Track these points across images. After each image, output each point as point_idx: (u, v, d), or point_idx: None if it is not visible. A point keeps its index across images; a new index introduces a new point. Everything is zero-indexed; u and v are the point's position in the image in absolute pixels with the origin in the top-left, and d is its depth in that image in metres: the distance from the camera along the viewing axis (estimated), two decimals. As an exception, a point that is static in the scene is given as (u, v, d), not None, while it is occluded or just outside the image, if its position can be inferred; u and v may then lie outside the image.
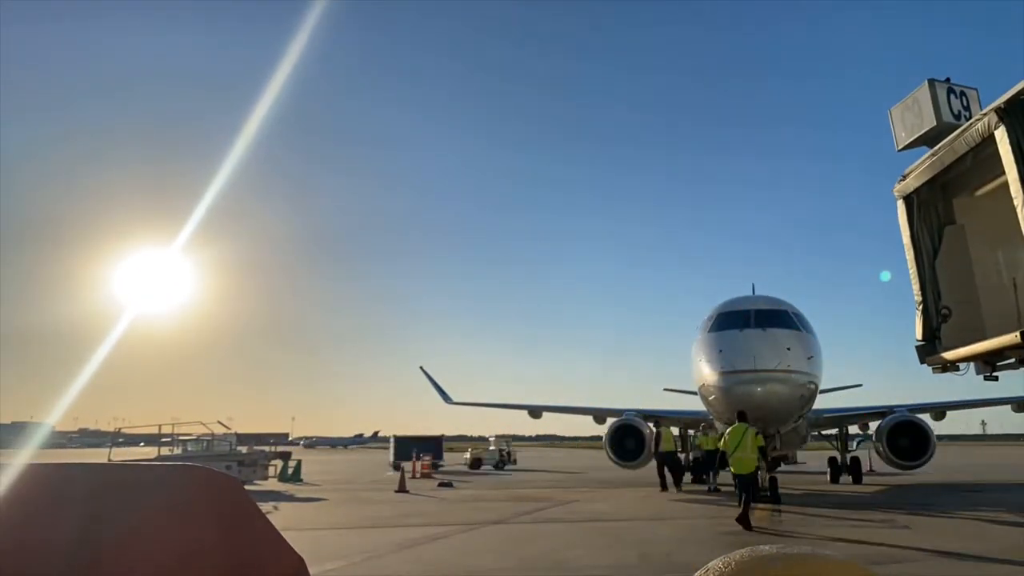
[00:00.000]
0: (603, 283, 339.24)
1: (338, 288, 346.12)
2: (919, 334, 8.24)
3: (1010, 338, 6.70)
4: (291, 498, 21.60)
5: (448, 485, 25.52)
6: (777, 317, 16.70)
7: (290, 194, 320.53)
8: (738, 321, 16.60)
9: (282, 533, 3.23)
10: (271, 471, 28.32)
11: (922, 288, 8.36)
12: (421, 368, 38.33)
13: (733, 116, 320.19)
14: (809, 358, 16.17)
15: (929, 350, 8.17)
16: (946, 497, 18.86)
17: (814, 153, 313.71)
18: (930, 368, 8.20)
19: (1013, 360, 7.21)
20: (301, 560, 3.18)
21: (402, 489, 22.93)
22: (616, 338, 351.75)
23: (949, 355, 7.75)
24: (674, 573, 8.67)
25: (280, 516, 15.88)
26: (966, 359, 7.65)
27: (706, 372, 16.41)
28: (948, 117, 7.76)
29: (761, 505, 16.79)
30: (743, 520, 12.39)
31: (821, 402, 21.19)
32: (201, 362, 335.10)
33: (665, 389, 25.08)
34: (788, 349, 15.78)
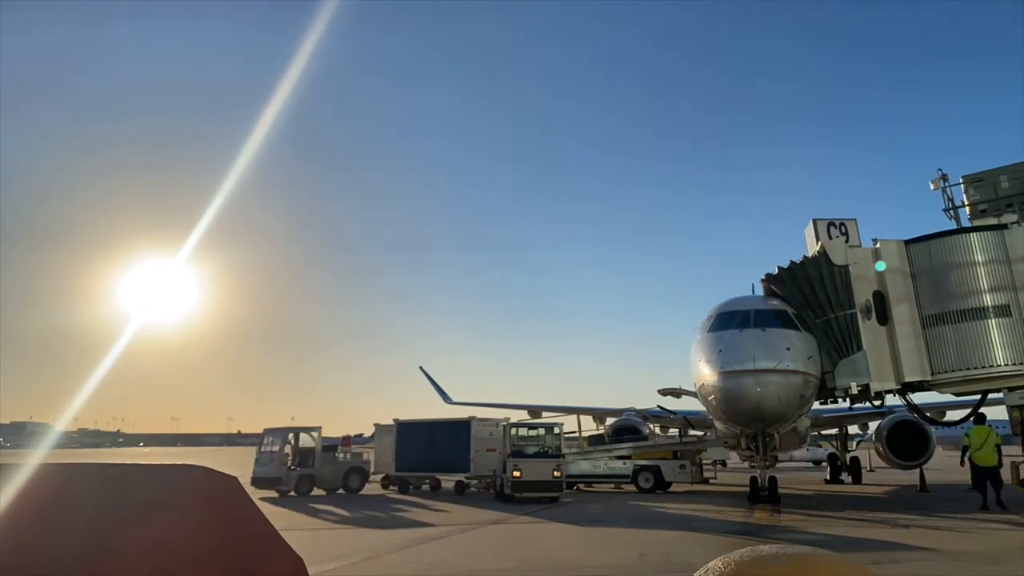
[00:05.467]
0: (605, 283, 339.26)
1: (337, 289, 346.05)
2: None
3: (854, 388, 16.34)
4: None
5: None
6: (777, 317, 16.69)
7: (290, 196, 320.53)
8: (738, 321, 16.58)
9: (281, 533, 3.23)
10: None
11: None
12: (421, 368, 38.40)
13: (739, 107, 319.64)
14: (809, 358, 16.14)
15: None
16: (946, 497, 18.87)
17: (817, 149, 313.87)
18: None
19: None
20: (300, 560, 3.17)
21: None
22: (616, 338, 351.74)
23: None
24: (674, 573, 8.67)
25: (280, 515, 15.88)
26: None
27: (705, 372, 16.38)
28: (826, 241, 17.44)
29: (760, 505, 16.81)
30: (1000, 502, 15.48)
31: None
32: (201, 364, 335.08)
33: (660, 391, 24.98)
34: (788, 349, 15.76)
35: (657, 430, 28.83)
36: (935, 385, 16.35)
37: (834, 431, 28.88)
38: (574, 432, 28.21)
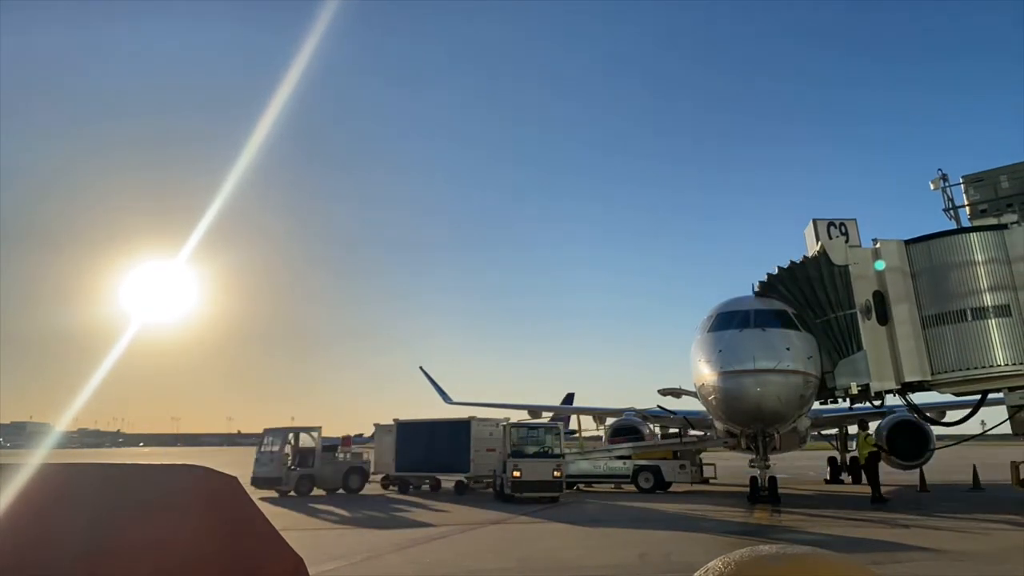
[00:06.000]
0: (605, 283, 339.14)
1: (337, 289, 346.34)
2: None
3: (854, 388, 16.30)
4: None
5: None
6: (777, 317, 16.68)
7: (290, 196, 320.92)
8: (737, 321, 16.57)
9: (281, 533, 3.23)
10: None
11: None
12: (421, 368, 38.37)
13: (742, 106, 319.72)
14: (809, 358, 16.14)
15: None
16: (946, 497, 18.86)
17: (817, 149, 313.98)
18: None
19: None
20: (300, 560, 3.17)
21: None
22: (616, 338, 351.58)
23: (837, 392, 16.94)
24: (674, 573, 8.67)
25: (280, 515, 15.87)
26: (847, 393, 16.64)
27: (705, 372, 16.38)
28: (826, 241, 17.26)
29: (760, 505, 16.81)
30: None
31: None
32: (201, 364, 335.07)
33: (660, 391, 24.98)
34: (788, 349, 15.76)
35: (657, 430, 28.83)
36: (935, 385, 16.35)
37: (834, 431, 28.83)
38: (574, 432, 28.24)
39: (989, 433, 19.01)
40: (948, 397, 18.46)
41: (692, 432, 25.42)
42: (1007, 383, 15.78)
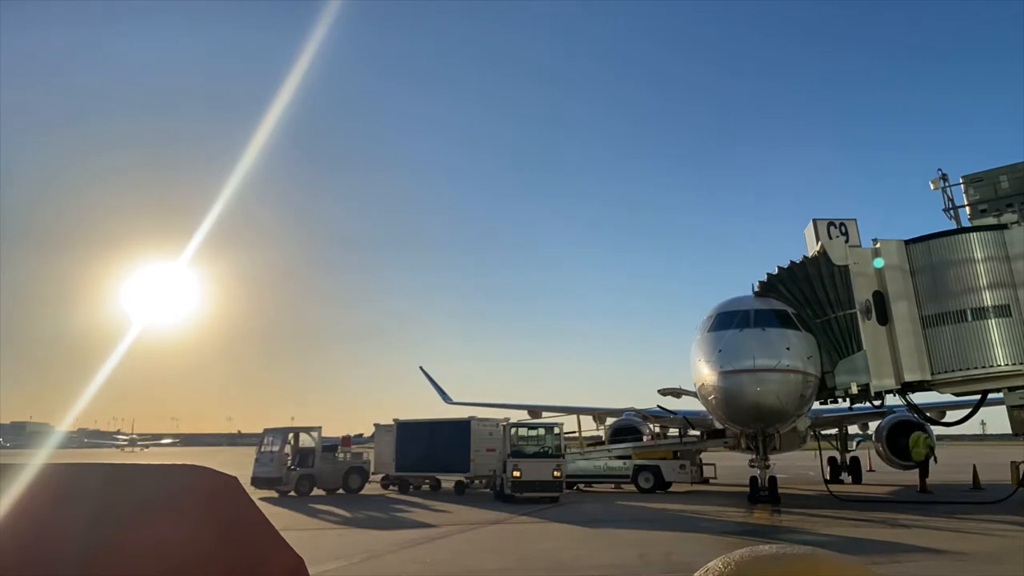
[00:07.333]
0: (605, 283, 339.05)
1: (338, 289, 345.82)
2: None
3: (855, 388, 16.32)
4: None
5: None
6: (777, 317, 16.69)
7: (289, 196, 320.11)
8: (737, 321, 16.59)
9: (281, 533, 3.23)
10: None
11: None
12: (421, 368, 38.35)
13: (743, 106, 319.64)
14: (809, 357, 16.15)
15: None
16: (945, 497, 18.86)
17: (817, 150, 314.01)
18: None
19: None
20: (300, 560, 3.16)
21: None
22: (616, 338, 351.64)
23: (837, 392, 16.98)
24: (674, 573, 8.67)
25: (280, 515, 15.87)
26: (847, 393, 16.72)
27: (705, 372, 16.38)
28: (826, 241, 17.31)
29: (761, 505, 16.81)
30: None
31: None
32: (202, 364, 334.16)
33: (660, 391, 24.97)
34: (787, 348, 15.78)
35: (657, 430, 28.81)
36: (935, 385, 16.36)
37: (834, 431, 28.84)
38: (574, 432, 28.22)
39: (989, 433, 19.04)
40: (948, 397, 18.45)
41: (692, 432, 25.39)
42: (1007, 383, 15.79)
